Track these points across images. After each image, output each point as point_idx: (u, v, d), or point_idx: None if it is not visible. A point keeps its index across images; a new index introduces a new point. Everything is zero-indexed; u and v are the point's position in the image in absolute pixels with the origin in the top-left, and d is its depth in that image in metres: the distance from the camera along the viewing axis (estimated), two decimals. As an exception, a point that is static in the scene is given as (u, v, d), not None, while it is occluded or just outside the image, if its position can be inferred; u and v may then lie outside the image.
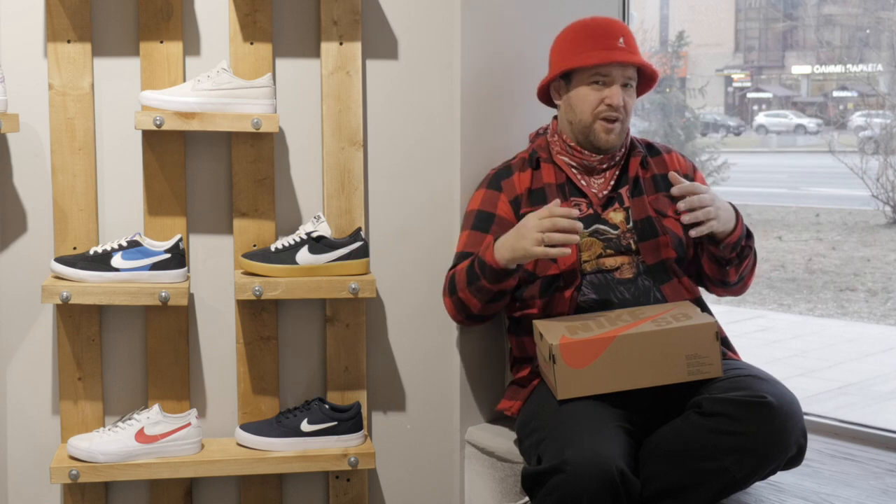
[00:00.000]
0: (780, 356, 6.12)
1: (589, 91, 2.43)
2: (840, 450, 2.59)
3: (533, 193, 2.47)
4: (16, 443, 2.56)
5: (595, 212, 2.43)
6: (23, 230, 2.54)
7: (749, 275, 2.45)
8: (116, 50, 2.53)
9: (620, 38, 2.42)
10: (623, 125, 2.44)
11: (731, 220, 2.31)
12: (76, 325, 2.53)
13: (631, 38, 2.46)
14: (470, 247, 2.45)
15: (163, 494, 2.57)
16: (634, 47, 2.45)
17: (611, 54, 2.40)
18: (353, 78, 2.59)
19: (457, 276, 2.40)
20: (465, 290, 2.37)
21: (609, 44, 2.41)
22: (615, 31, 2.44)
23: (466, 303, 2.39)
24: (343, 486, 2.65)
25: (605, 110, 2.41)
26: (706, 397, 2.10)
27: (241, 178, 2.57)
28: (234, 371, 2.62)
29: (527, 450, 2.24)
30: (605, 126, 2.41)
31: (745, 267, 2.40)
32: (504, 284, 2.32)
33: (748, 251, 2.37)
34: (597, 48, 2.41)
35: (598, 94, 2.42)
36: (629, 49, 2.42)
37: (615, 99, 2.40)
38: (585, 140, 2.45)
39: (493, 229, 2.44)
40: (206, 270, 2.60)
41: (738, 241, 2.32)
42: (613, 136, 2.43)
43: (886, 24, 10.23)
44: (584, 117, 2.43)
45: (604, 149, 2.44)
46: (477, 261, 2.34)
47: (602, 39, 2.42)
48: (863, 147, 9.33)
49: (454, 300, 2.42)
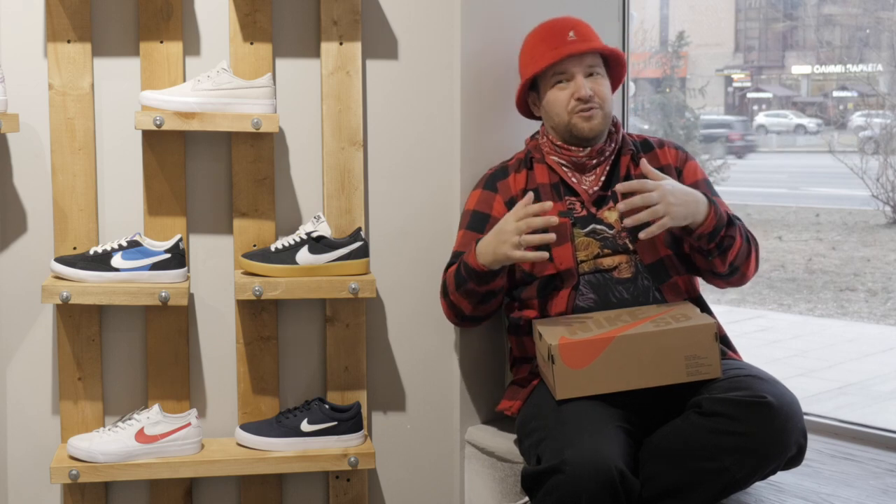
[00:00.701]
0: (780, 356, 6.11)
1: (556, 92, 2.45)
2: (840, 450, 2.59)
3: (527, 194, 2.47)
4: (16, 443, 2.56)
5: (590, 212, 2.44)
6: (23, 230, 2.54)
7: (745, 264, 2.37)
8: (116, 50, 2.53)
9: (570, 31, 2.44)
10: (603, 111, 2.43)
11: (697, 212, 2.25)
12: (76, 325, 2.53)
13: (583, 28, 2.47)
14: (464, 246, 2.46)
15: (163, 494, 2.57)
16: (587, 35, 2.46)
17: (559, 50, 2.42)
18: (353, 78, 2.59)
19: (447, 279, 2.42)
20: (455, 293, 2.39)
21: (558, 41, 2.44)
22: (563, 26, 2.46)
23: (458, 305, 2.40)
24: (343, 486, 2.65)
25: (577, 105, 2.42)
26: (706, 397, 2.10)
27: (241, 178, 2.57)
28: (234, 371, 2.62)
29: (526, 450, 2.24)
30: (582, 116, 2.42)
31: (735, 256, 2.32)
32: (491, 286, 2.32)
33: (730, 240, 2.30)
34: (548, 49, 2.44)
35: (566, 93, 2.43)
36: (581, 39, 2.43)
37: (581, 91, 2.41)
38: (571, 137, 2.45)
39: (486, 229, 2.44)
40: (206, 270, 2.60)
41: (713, 231, 2.26)
42: (595, 122, 2.42)
43: (886, 24, 10.23)
44: (561, 118, 2.44)
45: (589, 137, 2.44)
46: (462, 264, 2.35)
47: (551, 39, 2.45)
48: (863, 147, 9.31)
49: (447, 302, 2.44)
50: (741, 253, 2.34)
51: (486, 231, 2.42)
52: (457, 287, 2.37)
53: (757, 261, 2.42)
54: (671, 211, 2.22)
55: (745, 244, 2.35)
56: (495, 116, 2.72)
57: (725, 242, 2.30)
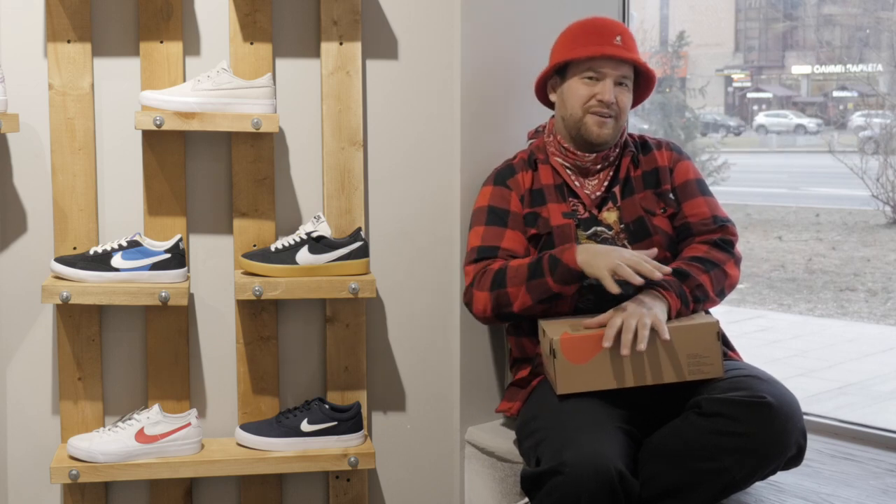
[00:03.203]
0: (780, 356, 6.11)
1: (580, 85, 2.42)
2: (840, 450, 2.59)
3: (533, 193, 2.47)
4: (16, 443, 2.56)
5: (592, 214, 2.44)
6: (23, 230, 2.54)
7: (726, 283, 2.35)
8: (116, 50, 2.53)
9: (617, 36, 2.42)
10: (617, 122, 2.43)
11: (659, 303, 2.21)
12: (76, 325, 2.53)
13: (629, 38, 2.45)
14: (489, 240, 2.42)
15: (163, 494, 2.57)
16: (632, 47, 2.45)
17: (603, 48, 2.40)
18: (353, 78, 2.59)
19: (509, 271, 2.34)
20: (520, 285, 2.31)
21: (604, 40, 2.41)
22: (613, 29, 2.44)
23: (512, 298, 2.33)
24: (343, 486, 2.65)
25: (596, 105, 2.40)
26: (706, 398, 2.10)
27: (241, 178, 2.57)
28: (234, 371, 2.62)
29: (526, 451, 2.24)
30: (596, 119, 2.40)
31: (715, 292, 2.32)
32: (568, 288, 2.29)
33: (700, 290, 2.28)
34: (591, 43, 2.41)
35: (590, 89, 2.41)
36: (626, 48, 2.42)
37: (606, 95, 2.39)
38: (578, 136, 2.44)
39: (510, 223, 2.43)
40: (206, 270, 2.60)
41: (683, 303, 2.24)
42: (606, 130, 2.41)
43: (886, 24, 10.23)
44: (575, 111, 2.43)
45: (595, 143, 2.43)
46: (548, 259, 2.29)
47: (598, 36, 2.42)
48: (863, 147, 9.31)
49: (496, 294, 2.35)
50: (716, 283, 2.32)
51: (510, 224, 2.42)
52: (528, 278, 2.30)
53: (735, 267, 2.38)
54: (649, 314, 2.17)
55: (713, 272, 2.32)
56: (495, 116, 2.72)
57: (698, 293, 2.28)
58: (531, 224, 2.44)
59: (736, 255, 2.39)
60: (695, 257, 2.34)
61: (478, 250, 2.44)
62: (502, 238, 2.42)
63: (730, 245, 2.39)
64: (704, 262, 2.33)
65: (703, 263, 2.32)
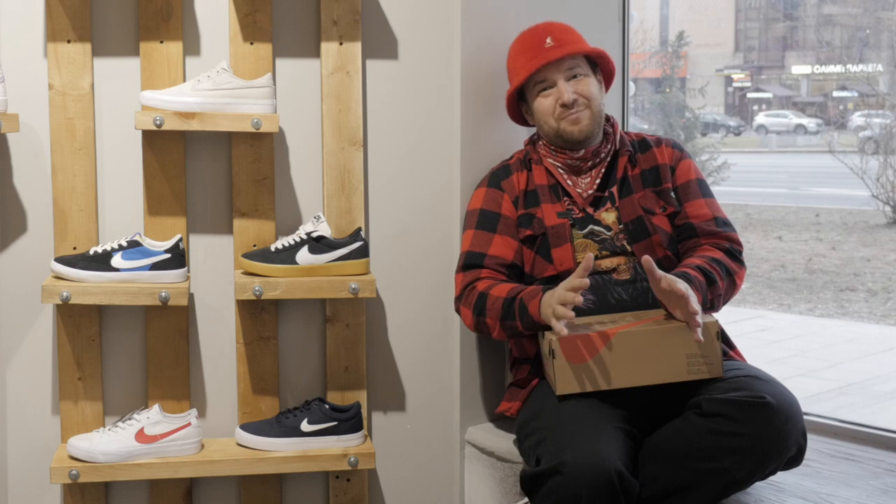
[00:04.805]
0: (780, 356, 6.11)
1: (542, 100, 2.46)
2: (840, 450, 2.59)
3: (528, 194, 2.48)
4: (16, 443, 2.56)
5: (587, 213, 2.44)
6: (23, 230, 2.54)
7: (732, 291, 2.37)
8: (116, 50, 2.53)
9: (547, 38, 2.45)
10: (591, 111, 2.43)
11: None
12: (76, 325, 2.53)
13: (560, 31, 2.47)
14: (477, 246, 2.44)
15: (163, 494, 2.57)
16: (565, 39, 2.45)
17: (536, 60, 2.43)
18: (353, 78, 2.59)
19: (488, 302, 2.35)
20: (493, 320, 2.35)
21: (535, 51, 2.44)
22: (541, 33, 2.47)
23: (490, 329, 2.37)
24: (343, 486, 2.65)
25: (562, 111, 2.42)
26: (706, 398, 2.10)
27: (241, 178, 2.57)
28: (234, 371, 2.62)
29: (526, 451, 2.24)
30: (569, 121, 2.42)
31: (719, 304, 2.34)
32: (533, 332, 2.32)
33: (714, 307, 2.31)
34: (527, 59, 2.45)
35: (550, 99, 2.44)
36: (558, 44, 2.43)
37: (564, 96, 2.41)
38: (562, 141, 2.46)
39: (499, 228, 2.44)
40: (206, 270, 2.60)
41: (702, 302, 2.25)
42: (583, 123, 2.43)
43: (886, 24, 10.23)
44: (549, 124, 2.45)
45: (579, 139, 2.44)
46: (518, 303, 2.29)
47: (529, 49, 2.46)
48: (863, 147, 9.31)
49: (477, 320, 2.39)
50: (727, 292, 2.34)
51: (498, 229, 2.43)
52: (501, 318, 2.32)
53: (742, 280, 2.40)
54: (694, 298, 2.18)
55: (727, 280, 2.33)
56: (495, 116, 2.72)
57: (715, 301, 2.30)
58: (526, 225, 2.44)
59: (745, 268, 2.41)
60: (715, 259, 2.33)
61: (466, 256, 2.46)
62: (490, 244, 2.43)
63: (740, 255, 2.41)
64: (724, 267, 2.33)
65: (723, 269, 2.33)
